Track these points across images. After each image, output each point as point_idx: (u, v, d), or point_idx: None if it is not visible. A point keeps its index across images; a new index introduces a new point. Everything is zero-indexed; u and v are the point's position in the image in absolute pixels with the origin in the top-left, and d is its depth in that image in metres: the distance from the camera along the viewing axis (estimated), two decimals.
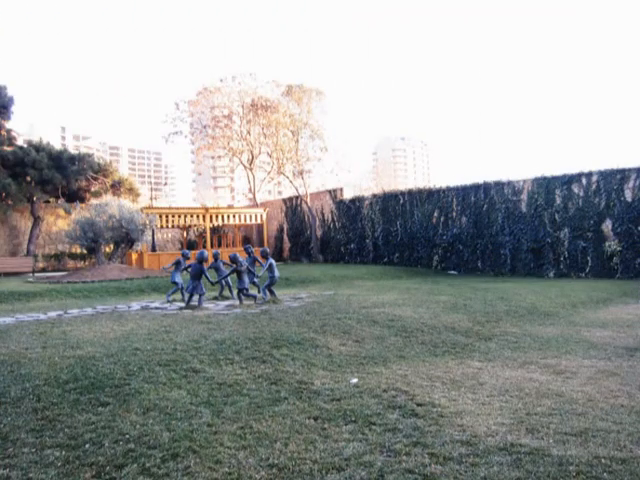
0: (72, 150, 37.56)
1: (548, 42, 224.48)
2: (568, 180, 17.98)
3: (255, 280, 12.05)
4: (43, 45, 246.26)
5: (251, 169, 30.77)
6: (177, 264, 12.76)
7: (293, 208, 29.49)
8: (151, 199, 38.84)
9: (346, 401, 5.03)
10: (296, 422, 4.50)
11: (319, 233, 27.52)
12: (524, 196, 19.13)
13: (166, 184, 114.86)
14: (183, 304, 11.52)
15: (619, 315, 10.22)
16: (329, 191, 27.42)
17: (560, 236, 18.13)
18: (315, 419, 4.59)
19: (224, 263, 13.23)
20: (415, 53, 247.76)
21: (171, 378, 5.69)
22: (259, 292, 12.15)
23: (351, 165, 35.73)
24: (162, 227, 25.70)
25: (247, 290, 11.45)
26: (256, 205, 30.04)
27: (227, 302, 12.05)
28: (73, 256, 25.92)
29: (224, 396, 5.19)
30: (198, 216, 25.29)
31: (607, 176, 17.04)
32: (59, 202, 26.93)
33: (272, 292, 12.11)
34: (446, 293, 12.75)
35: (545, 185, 18.55)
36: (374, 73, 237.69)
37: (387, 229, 24.02)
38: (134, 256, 23.61)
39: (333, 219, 26.84)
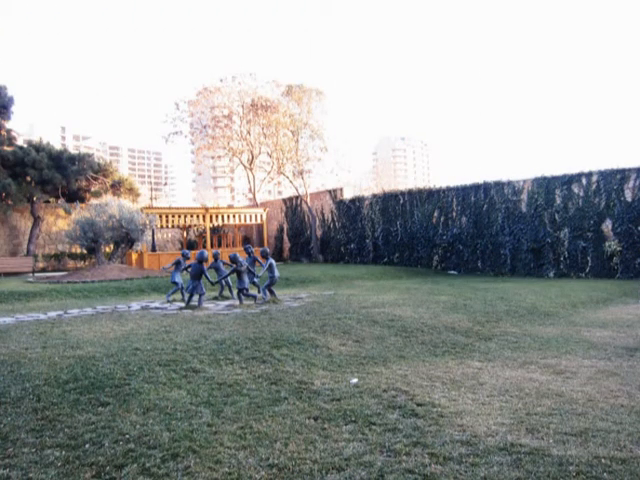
0: (72, 150, 37.59)
1: (548, 42, 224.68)
2: (568, 180, 17.98)
3: (255, 280, 12.04)
4: (43, 45, 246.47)
5: (251, 169, 30.77)
6: (177, 264, 12.76)
7: (293, 208, 29.49)
8: (151, 199, 38.83)
9: (346, 401, 5.03)
10: (296, 422, 4.50)
11: (319, 233, 27.52)
12: (524, 196, 19.13)
13: (166, 184, 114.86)
14: (183, 304, 11.52)
15: (619, 315, 10.22)
16: (329, 191, 27.42)
17: (560, 236, 18.13)
18: (315, 419, 4.59)
19: (224, 263, 13.23)
20: (415, 53, 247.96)
21: (171, 378, 5.69)
22: (259, 292, 12.16)
23: (351, 165, 35.80)
24: (162, 227, 25.70)
25: (247, 290, 11.45)
26: (256, 205, 30.04)
27: (227, 302, 12.05)
28: (73, 256, 25.92)
29: (224, 396, 5.19)
30: (198, 216, 25.29)
31: (607, 176, 17.04)
32: (59, 202, 26.93)
33: (272, 292, 12.11)
34: (446, 293, 12.75)
35: (545, 185, 18.55)
36: (374, 73, 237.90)
37: (387, 229, 24.02)
38: (134, 256, 23.61)
39: (333, 219, 26.84)
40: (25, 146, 26.67)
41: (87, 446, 3.99)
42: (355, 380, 5.76)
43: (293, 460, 3.73)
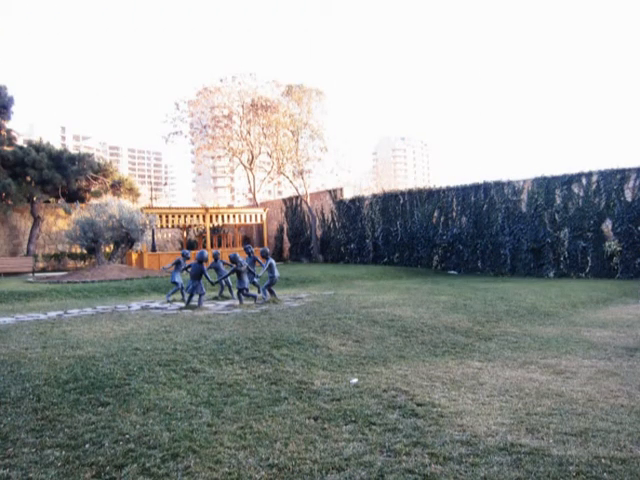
0: (72, 150, 37.59)
1: (548, 42, 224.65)
2: (568, 180, 17.98)
3: (255, 280, 12.04)
4: (43, 45, 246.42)
5: (251, 169, 30.77)
6: (177, 264, 12.77)
7: (293, 208, 29.49)
8: (151, 199, 38.82)
9: (346, 401, 5.03)
10: (296, 422, 4.50)
11: (319, 233, 27.52)
12: (524, 196, 19.13)
13: (166, 184, 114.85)
14: (183, 304, 11.52)
15: (619, 315, 10.22)
16: (329, 191, 27.42)
17: (560, 236, 18.13)
18: (315, 419, 4.58)
19: (224, 263, 13.23)
20: (415, 53, 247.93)
21: (171, 378, 5.69)
22: (259, 292, 12.16)
23: (351, 165, 35.81)
24: (162, 227, 25.71)
25: (247, 290, 11.45)
26: (256, 205, 30.04)
27: (227, 302, 12.05)
28: (73, 256, 25.92)
29: (224, 396, 5.19)
30: (198, 216, 25.29)
31: (607, 176, 17.04)
32: (59, 202, 26.93)
33: (272, 292, 12.11)
34: (446, 293, 12.75)
35: (545, 185, 18.55)
36: (374, 73, 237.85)
37: (387, 229, 24.02)
38: (134, 256, 23.61)
39: (333, 219, 26.84)
40: (25, 146, 26.66)
41: (87, 446, 3.99)
42: (355, 380, 5.76)
43: (293, 460, 3.73)
